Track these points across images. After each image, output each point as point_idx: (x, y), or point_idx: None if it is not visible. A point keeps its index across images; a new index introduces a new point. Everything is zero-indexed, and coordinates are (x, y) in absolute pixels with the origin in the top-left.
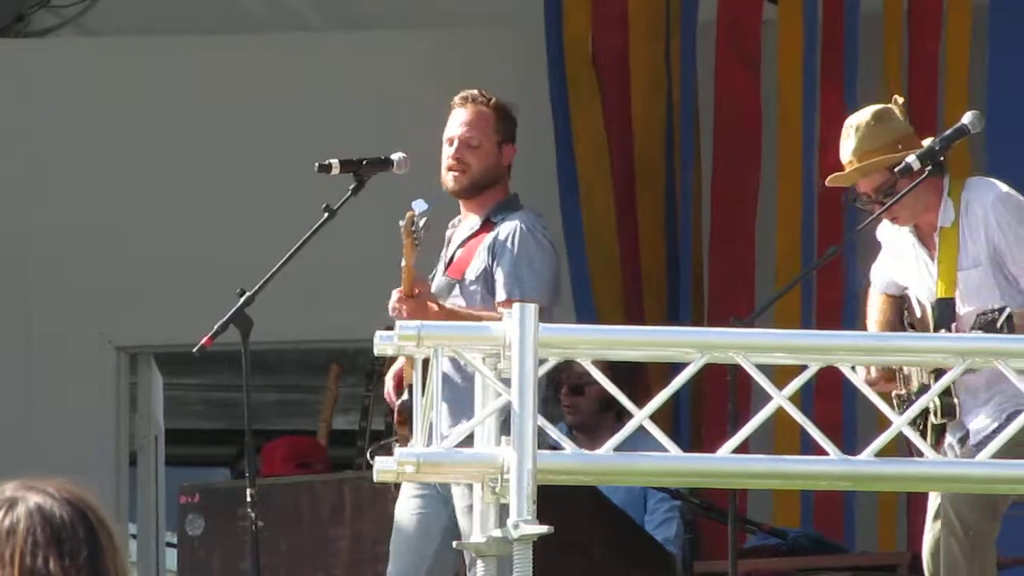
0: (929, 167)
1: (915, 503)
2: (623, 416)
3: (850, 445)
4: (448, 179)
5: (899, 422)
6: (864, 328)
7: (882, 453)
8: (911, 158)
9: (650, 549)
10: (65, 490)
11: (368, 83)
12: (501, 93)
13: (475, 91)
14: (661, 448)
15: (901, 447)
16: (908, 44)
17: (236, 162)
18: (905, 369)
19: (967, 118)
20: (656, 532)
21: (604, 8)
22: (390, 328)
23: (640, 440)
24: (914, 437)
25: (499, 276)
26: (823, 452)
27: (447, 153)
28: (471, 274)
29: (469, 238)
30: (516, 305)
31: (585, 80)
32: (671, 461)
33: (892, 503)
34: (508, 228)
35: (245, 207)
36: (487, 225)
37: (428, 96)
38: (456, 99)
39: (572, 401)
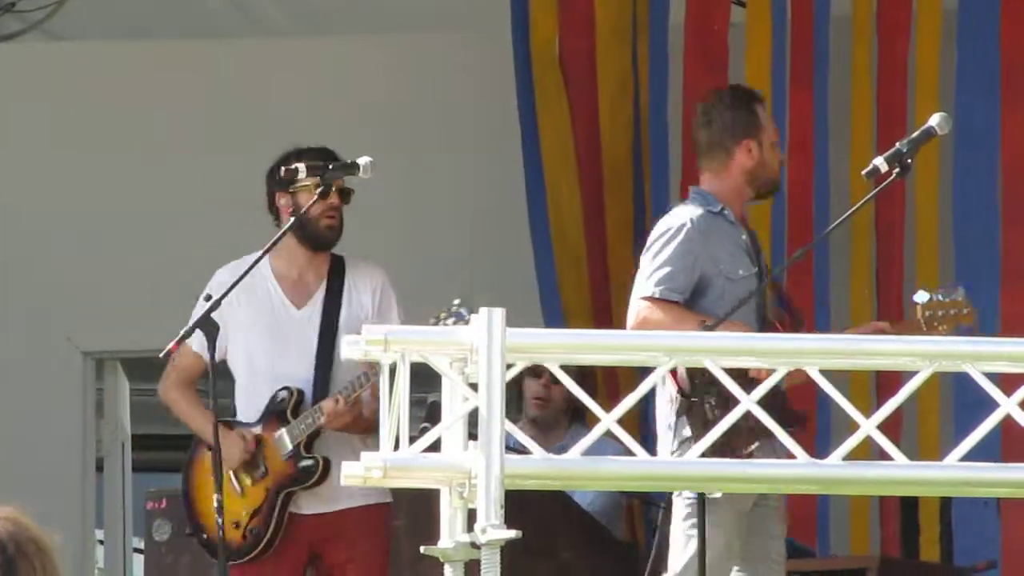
0: (897, 169)
1: (887, 507)
2: (575, 417)
3: (823, 449)
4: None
5: (867, 425)
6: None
7: (854, 457)
8: (878, 160)
9: (618, 553)
10: None
11: (334, 88)
12: (468, 96)
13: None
14: (627, 452)
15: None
16: (877, 46)
17: (203, 167)
18: None
19: (935, 120)
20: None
21: (571, 10)
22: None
23: (605, 444)
24: (882, 440)
25: None
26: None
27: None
28: None
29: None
30: (483, 310)
31: (552, 82)
32: (639, 466)
33: (864, 507)
34: None
35: (212, 212)
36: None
37: (396, 100)
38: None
39: (548, 394)
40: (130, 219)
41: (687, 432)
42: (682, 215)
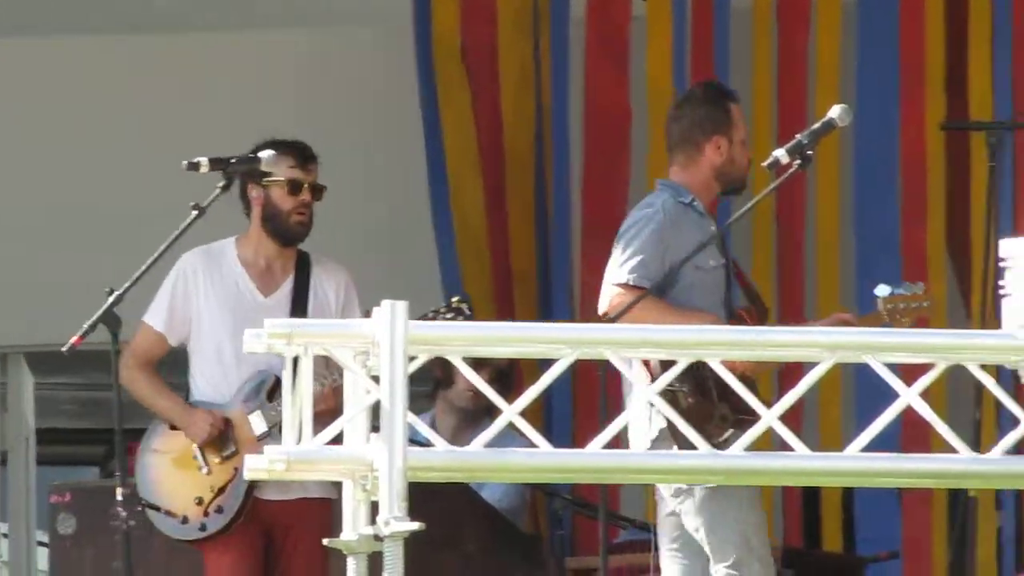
0: (798, 161)
1: (789, 497)
2: (493, 412)
3: None
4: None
5: (768, 416)
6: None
7: (757, 448)
8: (779, 152)
9: (522, 544)
10: None
11: (242, 82)
12: (370, 89)
13: None
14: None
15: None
16: (778, 39)
17: (106, 161)
18: None
19: (835, 112)
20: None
21: (472, 2)
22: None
23: (511, 437)
24: (783, 431)
25: None
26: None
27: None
28: None
29: None
30: (385, 302)
31: (454, 75)
32: (541, 457)
33: (767, 497)
34: None
35: (116, 206)
36: None
37: (300, 94)
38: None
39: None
40: (34, 212)
41: (662, 422)
42: (654, 204)
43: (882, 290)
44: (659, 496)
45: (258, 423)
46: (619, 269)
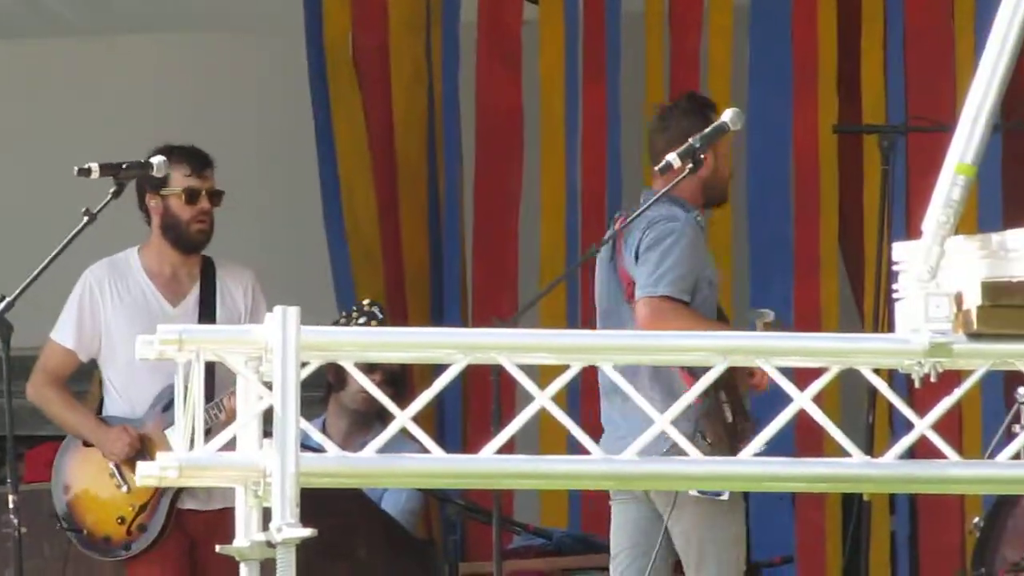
0: (690, 165)
1: None
2: (385, 417)
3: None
4: None
5: (660, 420)
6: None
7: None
8: (671, 156)
9: (415, 551)
10: None
11: (132, 87)
12: (262, 93)
13: None
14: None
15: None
16: (670, 42)
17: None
18: None
19: (727, 116)
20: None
21: (364, 6)
22: None
23: (403, 442)
24: (677, 436)
25: None
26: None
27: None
28: None
29: None
30: (277, 308)
31: (345, 78)
32: (434, 463)
33: None
34: None
35: (7, 211)
36: None
37: (195, 98)
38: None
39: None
40: None
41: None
42: (679, 217)
43: (767, 315)
44: (617, 497)
45: (174, 437)
46: (659, 282)
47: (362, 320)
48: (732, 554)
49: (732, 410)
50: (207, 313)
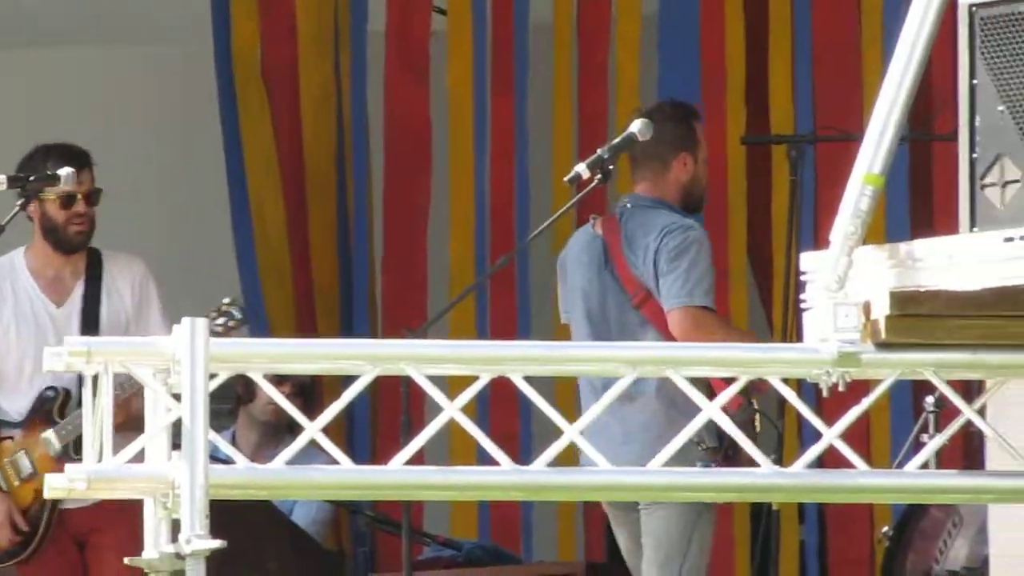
0: (599, 175)
1: (592, 512)
2: (295, 428)
3: (527, 455)
4: None
5: (571, 431)
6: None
7: (560, 463)
8: (580, 166)
9: (325, 562)
10: None
11: (43, 99)
12: (171, 108)
13: None
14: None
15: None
16: (578, 53)
17: None
18: None
19: (636, 126)
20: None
21: (272, 19)
22: None
23: (314, 453)
24: (586, 446)
25: None
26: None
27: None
28: None
29: None
30: (185, 320)
31: (254, 93)
32: (343, 474)
33: (570, 513)
34: None
35: None
36: None
37: (103, 110)
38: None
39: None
40: None
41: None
42: (694, 225)
43: None
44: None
45: (52, 443)
46: (694, 292)
47: (220, 321)
48: (700, 562)
49: (763, 422)
50: (91, 312)
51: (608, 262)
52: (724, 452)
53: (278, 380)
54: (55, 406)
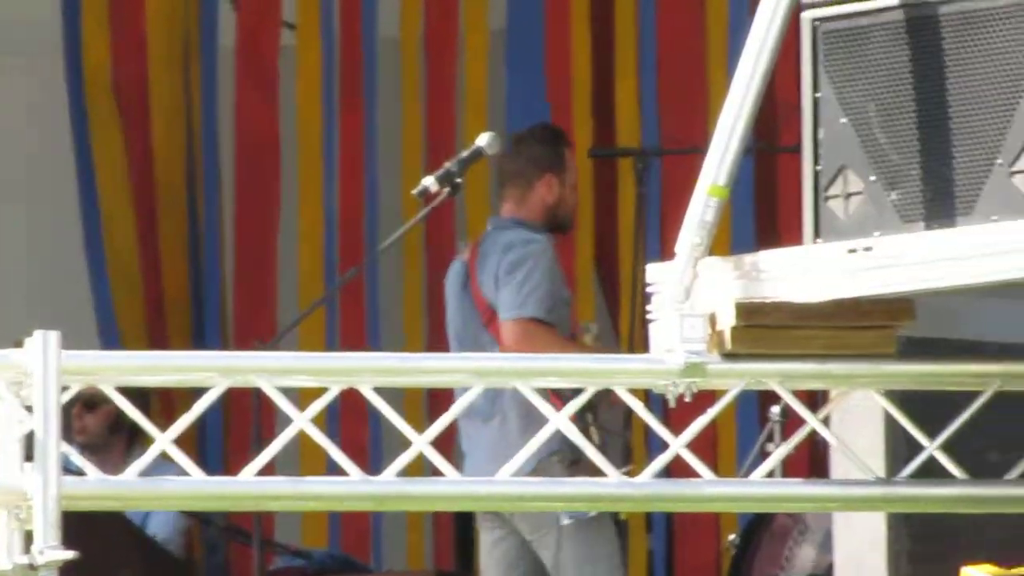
0: (447, 189)
1: (440, 521)
2: (135, 439)
3: (376, 466)
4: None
5: (419, 442)
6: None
7: (408, 473)
8: (428, 180)
9: (177, 572)
10: None
11: None
12: (23, 123)
13: None
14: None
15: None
16: (426, 67)
17: None
18: None
19: (483, 140)
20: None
21: (123, 34)
22: None
23: (166, 465)
24: (434, 456)
25: None
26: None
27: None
28: None
29: None
30: (37, 332)
31: (105, 108)
32: (195, 485)
33: (420, 522)
34: None
35: None
36: None
37: None
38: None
39: (82, 423)
40: None
41: (547, 450)
42: (537, 240)
43: (592, 328)
44: (484, 525)
45: None
46: (524, 303)
47: None
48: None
49: (601, 433)
50: None
51: (467, 285)
52: (582, 463)
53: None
54: None
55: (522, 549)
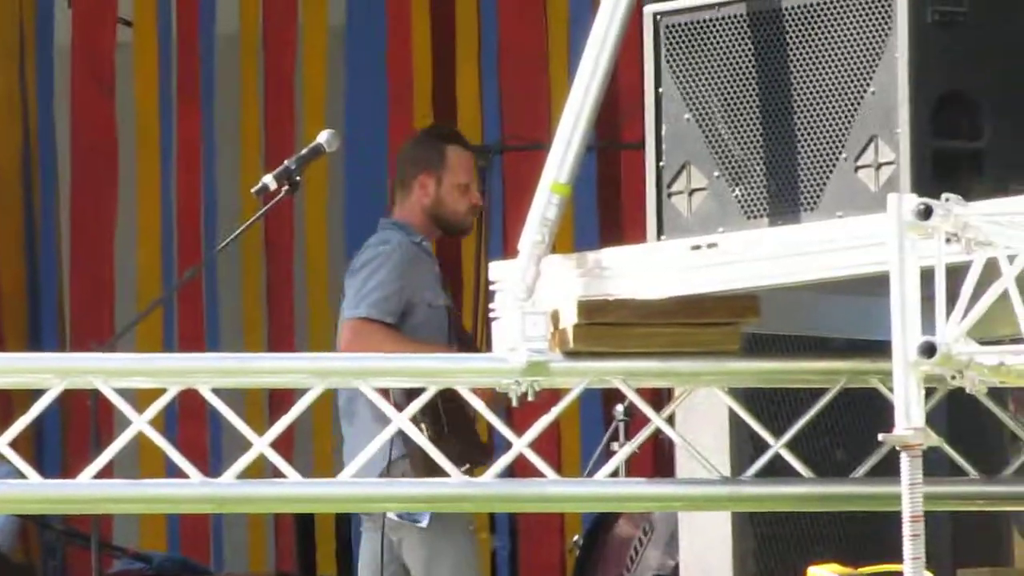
0: (286, 187)
1: (282, 522)
2: None
3: (216, 467)
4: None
5: (260, 443)
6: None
7: (249, 475)
8: (267, 178)
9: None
10: None
11: None
12: None
13: None
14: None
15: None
16: (264, 63)
17: None
18: None
19: (322, 137)
20: None
21: None
22: None
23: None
24: (275, 458)
25: None
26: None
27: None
28: None
29: None
30: None
31: None
32: (31, 488)
33: (261, 524)
34: None
35: None
36: None
37: None
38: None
39: None
40: None
41: (397, 451)
42: (390, 241)
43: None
44: (364, 525)
45: None
46: (360, 303)
47: None
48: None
49: (433, 433)
50: None
51: (344, 291)
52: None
53: None
54: None
55: (393, 550)
